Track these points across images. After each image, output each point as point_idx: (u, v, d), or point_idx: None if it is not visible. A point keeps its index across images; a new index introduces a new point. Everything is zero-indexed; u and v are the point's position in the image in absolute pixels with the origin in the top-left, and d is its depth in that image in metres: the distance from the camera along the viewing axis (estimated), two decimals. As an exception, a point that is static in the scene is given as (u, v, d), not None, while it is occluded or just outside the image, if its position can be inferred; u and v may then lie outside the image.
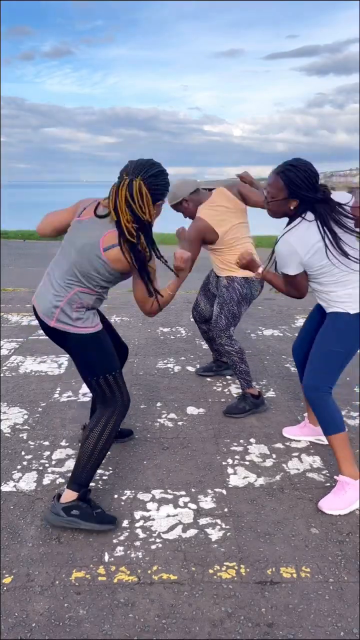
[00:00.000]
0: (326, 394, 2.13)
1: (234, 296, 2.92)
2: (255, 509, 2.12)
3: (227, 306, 2.92)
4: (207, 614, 1.62)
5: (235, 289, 2.91)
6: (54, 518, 1.95)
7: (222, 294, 2.96)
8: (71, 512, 1.94)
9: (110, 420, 2.01)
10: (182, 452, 2.56)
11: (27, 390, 3.27)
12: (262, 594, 1.69)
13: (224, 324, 2.93)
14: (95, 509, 1.98)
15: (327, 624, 1.59)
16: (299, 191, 1.98)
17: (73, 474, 1.99)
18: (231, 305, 2.92)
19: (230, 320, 2.93)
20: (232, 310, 2.92)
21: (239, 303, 2.93)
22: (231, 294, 2.92)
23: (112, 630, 1.55)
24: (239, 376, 2.97)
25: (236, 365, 2.96)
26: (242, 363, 2.95)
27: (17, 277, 7.30)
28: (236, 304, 2.92)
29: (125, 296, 5.84)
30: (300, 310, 5.33)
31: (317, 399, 2.13)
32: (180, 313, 5.15)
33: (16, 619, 1.59)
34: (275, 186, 2.02)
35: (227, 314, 2.92)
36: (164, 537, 1.95)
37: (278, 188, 2.01)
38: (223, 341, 2.94)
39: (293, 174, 1.97)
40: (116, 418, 2.03)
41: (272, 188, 2.04)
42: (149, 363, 3.76)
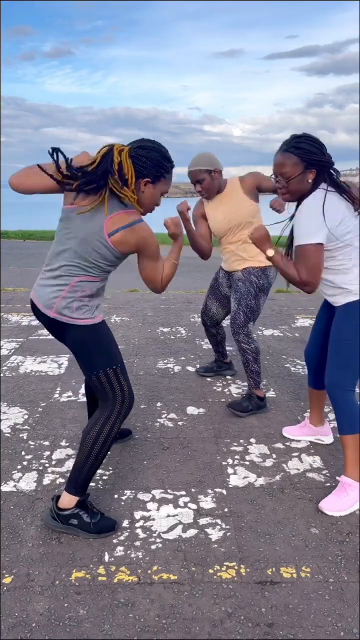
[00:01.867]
0: (350, 392, 2.08)
1: (251, 289, 2.86)
2: (255, 509, 2.12)
3: (245, 300, 2.86)
4: (207, 614, 1.62)
5: (252, 282, 2.87)
6: (52, 523, 1.95)
7: (239, 288, 2.89)
8: (69, 521, 1.93)
9: (108, 421, 1.93)
10: (182, 452, 2.56)
11: (27, 390, 3.27)
12: (262, 594, 1.69)
13: (243, 320, 2.86)
14: (94, 516, 1.94)
15: (327, 624, 1.59)
16: (314, 158, 1.92)
17: (70, 475, 1.95)
18: (249, 299, 2.86)
19: (249, 315, 2.87)
20: (250, 304, 2.86)
21: (256, 296, 2.87)
22: (248, 287, 2.86)
23: (112, 630, 1.55)
24: (250, 375, 2.94)
25: (249, 364, 2.91)
26: (255, 363, 2.91)
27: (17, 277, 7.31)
28: (254, 297, 2.86)
29: (126, 296, 5.84)
30: (300, 310, 5.33)
31: (339, 396, 2.07)
32: (180, 313, 5.15)
33: (16, 619, 1.59)
34: (289, 163, 1.94)
35: (245, 308, 2.85)
36: (164, 537, 1.95)
37: (293, 164, 1.94)
38: (240, 338, 2.87)
39: (304, 144, 1.93)
40: (115, 419, 1.94)
41: (286, 167, 1.95)
42: (149, 363, 3.76)
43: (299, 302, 5.66)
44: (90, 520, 1.93)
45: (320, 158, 1.93)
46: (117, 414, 1.95)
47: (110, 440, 1.94)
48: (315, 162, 1.93)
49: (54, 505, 1.96)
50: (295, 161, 1.94)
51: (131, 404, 1.99)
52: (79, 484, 1.93)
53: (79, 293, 1.87)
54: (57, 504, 1.95)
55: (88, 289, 1.88)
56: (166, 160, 1.85)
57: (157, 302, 5.59)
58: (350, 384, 2.08)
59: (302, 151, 1.93)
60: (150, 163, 1.81)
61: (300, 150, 1.93)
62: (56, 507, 1.95)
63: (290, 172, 1.95)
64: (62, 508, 1.94)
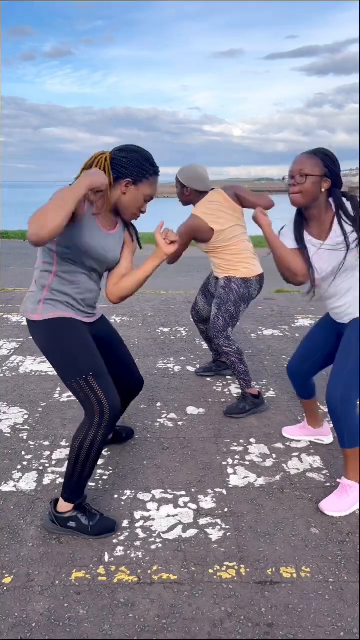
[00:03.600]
0: (353, 406, 2.03)
1: (231, 296, 2.90)
2: (255, 509, 2.12)
3: (225, 306, 2.91)
4: (207, 614, 1.62)
5: (232, 290, 2.90)
6: (51, 526, 1.94)
7: (220, 294, 2.94)
8: (68, 524, 1.92)
9: (90, 431, 1.80)
10: (182, 452, 2.56)
11: (27, 390, 3.27)
12: (262, 594, 1.69)
13: (222, 325, 2.91)
14: (93, 518, 1.93)
15: (327, 624, 1.59)
16: (335, 170, 1.97)
17: (64, 482, 1.92)
18: (228, 305, 2.90)
19: (228, 321, 2.92)
20: (230, 310, 2.91)
21: (236, 303, 2.91)
22: (228, 294, 2.91)
23: (112, 630, 1.55)
24: (238, 377, 2.96)
25: (235, 365, 2.95)
26: (240, 364, 2.94)
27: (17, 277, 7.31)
28: (233, 304, 2.91)
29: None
30: (300, 310, 5.33)
31: (342, 411, 2.01)
32: (180, 313, 5.15)
33: (16, 619, 1.59)
34: (311, 163, 1.96)
35: (225, 314, 2.91)
36: (164, 537, 1.95)
37: (314, 164, 1.95)
38: (221, 342, 2.92)
39: (329, 153, 1.98)
40: (97, 429, 1.79)
41: (308, 165, 1.96)
42: (149, 363, 3.76)
43: (299, 302, 5.66)
44: (88, 523, 1.92)
45: (338, 172, 1.99)
46: (98, 424, 1.80)
47: (97, 447, 1.83)
48: (333, 174, 1.98)
49: (53, 509, 1.95)
50: (317, 163, 1.97)
51: (113, 412, 1.82)
52: (72, 490, 1.91)
53: (36, 284, 1.86)
54: (56, 507, 1.95)
55: (39, 276, 1.85)
56: (148, 162, 1.83)
57: (157, 302, 5.59)
58: (354, 399, 2.03)
59: (326, 157, 1.97)
60: (130, 163, 1.80)
61: (325, 155, 1.98)
62: (54, 510, 1.94)
63: (309, 170, 1.96)
64: (61, 511, 1.93)
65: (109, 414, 1.81)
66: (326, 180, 1.97)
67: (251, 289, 2.94)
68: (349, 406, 2.01)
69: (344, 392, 2.00)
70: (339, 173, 1.99)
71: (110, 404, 1.81)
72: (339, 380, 2.02)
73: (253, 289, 2.95)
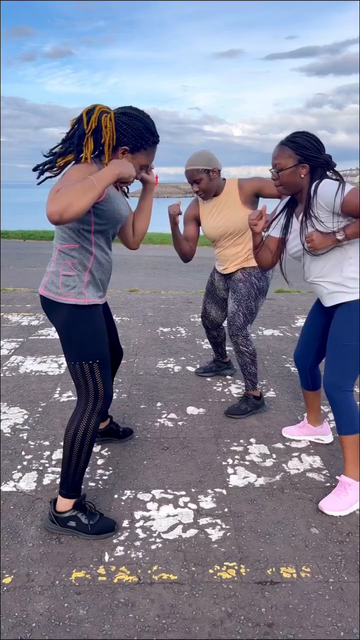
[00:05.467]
0: (349, 393, 2.08)
1: (251, 291, 2.83)
2: (255, 509, 2.12)
3: (245, 302, 2.82)
4: (207, 614, 1.62)
5: (253, 283, 2.84)
6: (51, 526, 1.94)
7: (239, 289, 2.85)
8: (68, 523, 1.92)
9: (83, 418, 1.85)
10: (182, 452, 2.56)
11: (27, 390, 3.27)
12: (262, 594, 1.69)
13: (242, 322, 2.83)
14: (93, 517, 1.93)
15: (327, 624, 1.59)
16: (308, 153, 1.96)
17: (60, 478, 1.93)
18: (249, 301, 2.83)
19: (248, 317, 2.84)
20: (250, 306, 2.83)
21: (256, 298, 2.85)
22: (248, 288, 2.83)
23: (112, 630, 1.55)
24: (247, 377, 2.94)
25: (247, 366, 2.91)
26: (252, 365, 2.90)
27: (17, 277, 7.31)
28: (254, 298, 2.84)
29: (126, 296, 5.84)
30: (301, 310, 5.33)
31: (338, 398, 2.07)
32: (180, 313, 5.15)
33: (16, 619, 1.59)
34: (283, 155, 2.00)
35: (245, 310, 2.83)
36: (164, 537, 1.95)
37: (286, 156, 1.99)
38: (239, 340, 2.84)
39: (299, 139, 1.98)
40: (89, 415, 1.85)
41: (280, 159, 2.00)
42: (149, 363, 3.76)
43: (299, 302, 5.66)
44: (88, 522, 1.92)
45: (313, 154, 1.97)
46: (91, 410, 1.87)
47: (90, 437, 1.87)
48: (308, 157, 1.97)
49: (52, 509, 1.95)
50: (289, 154, 1.99)
51: (107, 402, 1.90)
52: (69, 485, 1.91)
53: (62, 266, 1.81)
54: (55, 507, 1.95)
55: (69, 258, 1.81)
56: (149, 131, 1.78)
57: (157, 302, 5.59)
58: (349, 385, 2.08)
59: (295, 145, 1.98)
60: (131, 131, 1.75)
61: (294, 143, 1.98)
62: (54, 510, 1.94)
63: (282, 163, 2.01)
64: (60, 511, 1.93)
65: (102, 402, 1.89)
66: (303, 166, 1.99)
67: (269, 278, 2.91)
68: (344, 392, 2.08)
69: (338, 378, 2.07)
70: (315, 154, 1.97)
71: (106, 393, 1.89)
72: (333, 367, 2.08)
73: (270, 279, 2.92)
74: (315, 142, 1.99)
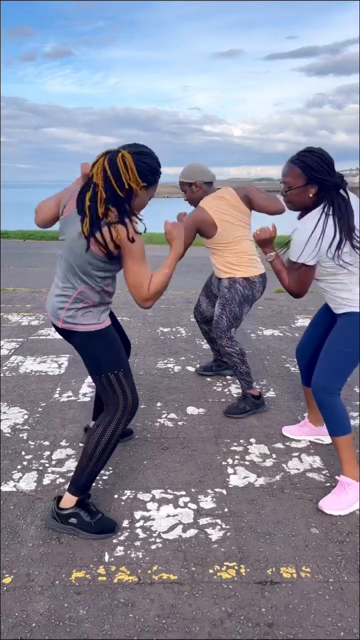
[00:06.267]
0: (335, 395, 2.11)
1: (235, 297, 2.89)
2: (255, 509, 2.12)
3: (229, 307, 2.89)
4: (207, 614, 1.62)
5: (237, 290, 2.89)
6: (52, 523, 1.96)
7: (224, 295, 2.93)
8: (69, 520, 1.93)
9: (111, 424, 1.93)
10: (182, 452, 2.56)
11: (27, 390, 3.27)
12: (262, 594, 1.69)
13: (225, 325, 2.90)
14: (95, 515, 1.95)
15: (327, 624, 1.59)
16: (317, 175, 1.94)
17: (73, 477, 1.96)
18: (233, 306, 2.89)
19: (232, 322, 2.90)
20: (234, 311, 2.89)
21: (240, 304, 2.90)
22: (233, 294, 2.89)
23: (112, 630, 1.55)
24: (240, 377, 2.96)
25: (237, 366, 2.94)
26: (242, 364, 2.94)
27: (17, 277, 7.31)
28: (238, 304, 2.89)
29: (126, 296, 5.84)
30: (301, 310, 5.33)
31: (326, 400, 2.10)
32: (180, 313, 5.15)
33: (16, 619, 1.59)
34: (292, 174, 1.99)
35: (229, 314, 2.89)
36: (164, 537, 1.95)
37: (295, 175, 1.98)
38: (224, 342, 2.91)
39: (309, 159, 1.95)
40: (118, 421, 1.94)
41: (289, 177, 2.00)
42: (149, 363, 3.76)
43: (299, 302, 5.66)
44: (90, 520, 1.93)
45: (322, 176, 1.95)
46: (120, 417, 1.94)
47: (113, 443, 1.94)
48: (316, 179, 1.95)
49: (55, 505, 1.96)
50: (298, 173, 1.97)
51: (135, 408, 1.97)
52: (80, 485, 1.94)
53: (81, 303, 1.87)
54: (59, 504, 1.96)
55: (90, 299, 1.87)
56: (159, 165, 1.86)
57: (157, 302, 5.59)
58: (335, 388, 2.11)
59: (304, 165, 1.96)
60: (149, 170, 1.80)
61: (303, 164, 1.96)
62: (57, 507, 1.96)
63: (291, 182, 2.00)
64: (63, 507, 1.95)
65: (132, 408, 1.96)
66: (312, 186, 1.97)
67: (254, 290, 2.92)
68: (330, 394, 2.10)
69: (326, 382, 2.09)
70: (324, 176, 1.95)
71: (134, 399, 1.97)
72: (323, 370, 2.11)
73: (256, 290, 2.93)
74: (324, 163, 1.95)
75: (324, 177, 1.94)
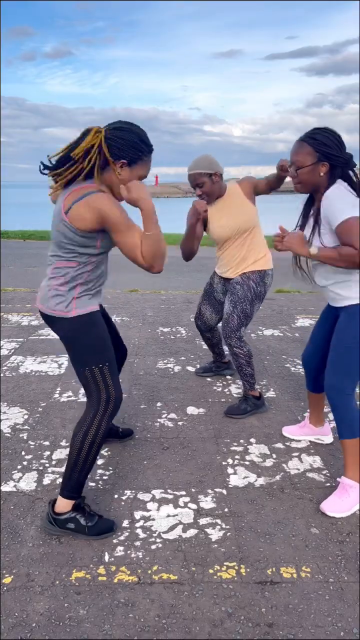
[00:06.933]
0: (350, 396, 2.06)
1: (248, 294, 2.83)
2: (256, 509, 2.12)
3: (241, 305, 2.82)
4: (207, 614, 1.62)
5: (250, 287, 2.84)
6: (49, 528, 1.94)
7: (236, 292, 2.85)
8: (66, 525, 1.92)
9: (94, 421, 1.87)
10: (182, 452, 2.56)
11: (27, 390, 3.27)
12: (262, 594, 1.69)
13: (236, 324, 2.83)
14: (92, 518, 1.93)
15: (327, 624, 1.59)
16: (328, 151, 1.90)
17: (62, 479, 1.93)
18: (245, 304, 2.83)
19: (242, 320, 2.84)
20: (245, 309, 2.83)
21: (252, 302, 2.85)
22: (245, 292, 2.83)
23: (112, 630, 1.55)
24: (244, 379, 2.94)
25: (242, 367, 2.90)
26: (248, 366, 2.90)
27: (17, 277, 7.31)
28: (250, 302, 2.84)
29: (126, 296, 5.84)
30: (301, 310, 5.33)
31: (339, 401, 2.06)
32: (180, 313, 5.15)
33: (16, 619, 1.59)
34: (303, 153, 1.94)
35: (240, 313, 2.82)
36: (164, 537, 1.95)
37: (306, 154, 1.93)
38: (233, 342, 2.83)
39: (320, 136, 1.91)
40: (100, 418, 1.87)
41: (299, 156, 1.95)
42: (149, 363, 3.76)
43: (299, 302, 5.66)
44: (87, 524, 1.92)
45: (334, 152, 1.90)
46: (102, 413, 1.88)
47: (99, 441, 1.89)
48: (328, 155, 1.91)
49: (51, 510, 1.95)
50: (309, 151, 1.93)
51: (117, 404, 1.92)
52: (71, 487, 1.91)
53: (54, 281, 1.83)
54: (54, 509, 1.94)
55: (63, 276, 1.81)
56: (143, 142, 1.79)
57: (157, 302, 5.59)
58: (349, 388, 2.06)
59: (316, 142, 1.91)
60: (126, 144, 1.75)
61: (314, 140, 1.91)
62: (53, 512, 1.94)
63: (301, 161, 1.95)
64: (59, 512, 1.93)
65: (114, 403, 1.91)
66: (323, 164, 1.92)
67: (267, 284, 2.90)
68: (345, 396, 2.05)
69: (339, 381, 2.05)
70: (336, 152, 1.90)
71: (117, 394, 1.91)
72: (334, 370, 2.06)
73: (269, 284, 2.92)
74: (336, 140, 1.92)
75: (336, 154, 1.90)
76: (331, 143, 1.91)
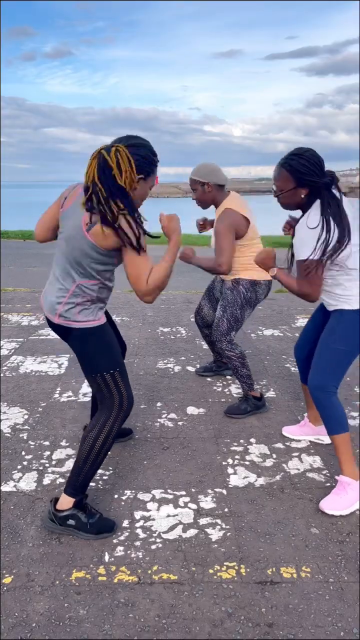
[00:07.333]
0: (332, 394, 2.12)
1: (237, 299, 2.86)
2: (255, 509, 2.12)
3: (230, 309, 2.86)
4: (207, 614, 1.62)
5: (240, 292, 2.86)
6: (50, 525, 1.95)
7: (226, 296, 2.89)
8: (67, 522, 1.93)
9: (107, 423, 1.92)
10: (182, 452, 2.56)
11: (27, 390, 3.27)
12: (262, 594, 1.69)
13: (226, 328, 2.87)
14: (92, 516, 1.94)
15: (327, 624, 1.59)
16: (305, 178, 1.95)
17: (69, 478, 1.95)
18: (234, 308, 2.86)
19: (232, 324, 2.87)
20: (235, 313, 2.86)
21: (242, 307, 2.86)
22: (235, 297, 2.86)
23: (112, 630, 1.55)
24: (241, 380, 2.94)
25: (237, 369, 2.91)
26: (243, 367, 2.91)
27: (17, 277, 7.31)
28: (239, 307, 2.86)
29: (126, 296, 5.84)
30: (301, 310, 5.33)
31: (322, 399, 2.11)
32: (180, 313, 5.15)
33: (16, 619, 1.59)
34: (282, 178, 2.01)
35: (230, 317, 2.86)
36: (164, 537, 1.95)
37: (284, 179, 2.00)
38: (224, 345, 2.87)
39: (296, 162, 1.96)
40: (113, 421, 1.93)
41: (279, 181, 2.03)
42: (149, 363, 3.76)
43: (299, 302, 5.66)
44: (88, 521, 1.93)
45: (311, 178, 1.95)
46: (116, 416, 1.94)
47: (109, 443, 1.93)
48: (305, 182, 1.97)
49: (52, 507, 1.96)
50: (286, 177, 2.00)
51: (130, 407, 1.97)
52: (77, 485, 1.93)
53: (79, 298, 1.85)
54: (56, 506, 1.96)
55: (88, 293, 1.85)
56: (154, 155, 1.85)
57: (157, 302, 5.59)
58: (331, 387, 2.12)
59: (292, 169, 1.97)
60: (144, 161, 1.80)
61: (290, 167, 1.97)
62: (54, 509, 1.95)
63: (281, 186, 2.04)
64: (60, 509, 1.94)
65: (128, 407, 1.96)
66: (301, 189, 1.99)
67: (259, 292, 2.89)
68: (329, 394, 2.11)
69: (323, 380, 2.10)
70: (312, 178, 1.95)
71: (129, 398, 1.96)
72: (318, 369, 2.12)
73: (261, 293, 2.90)
74: (311, 165, 1.95)
75: (312, 179, 1.96)
76: (306, 169, 1.95)
